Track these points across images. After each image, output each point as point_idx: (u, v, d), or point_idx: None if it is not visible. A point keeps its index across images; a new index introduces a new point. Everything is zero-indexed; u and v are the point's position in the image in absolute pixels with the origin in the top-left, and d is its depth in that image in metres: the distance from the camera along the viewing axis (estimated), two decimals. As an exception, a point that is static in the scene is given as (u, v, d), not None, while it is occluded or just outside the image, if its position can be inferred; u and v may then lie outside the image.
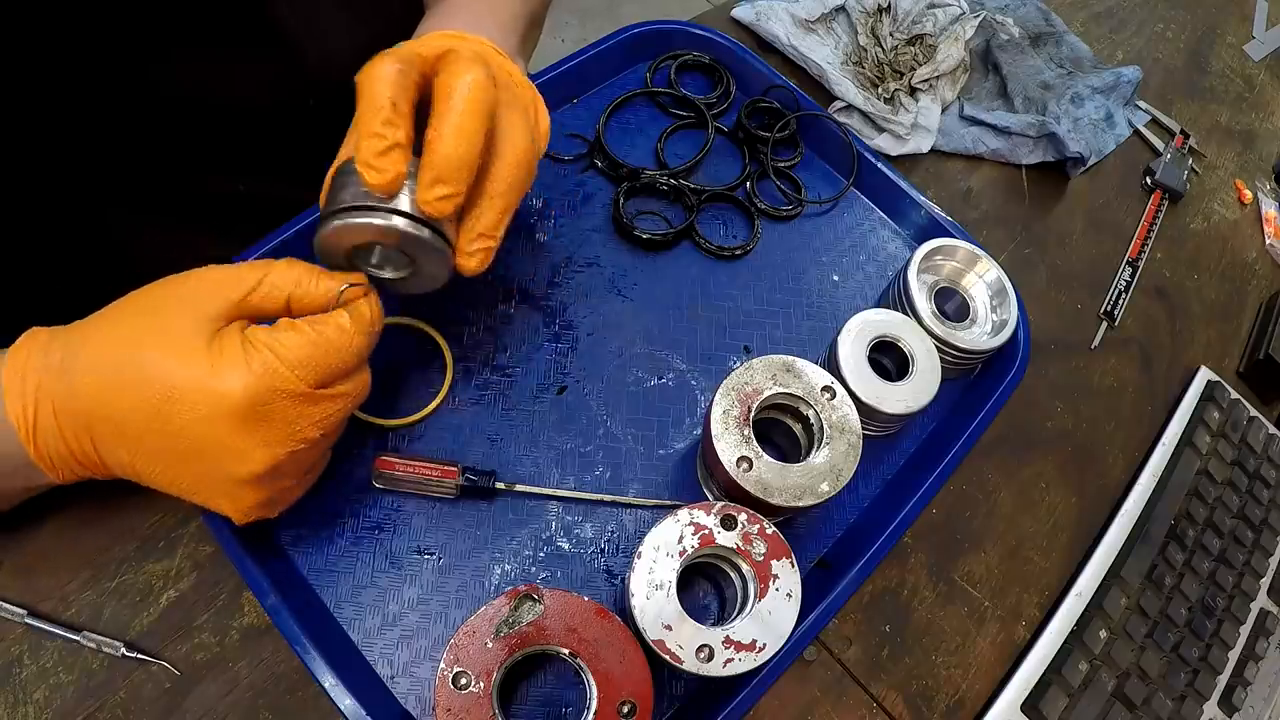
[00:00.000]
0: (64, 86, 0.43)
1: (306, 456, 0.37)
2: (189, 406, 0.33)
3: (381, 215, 0.36)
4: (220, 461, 0.34)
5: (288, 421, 0.34)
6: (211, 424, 0.33)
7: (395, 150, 0.36)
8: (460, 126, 0.36)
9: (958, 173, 0.72)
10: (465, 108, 0.36)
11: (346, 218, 0.36)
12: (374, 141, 0.35)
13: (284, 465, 0.35)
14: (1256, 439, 0.64)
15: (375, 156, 0.35)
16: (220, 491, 0.36)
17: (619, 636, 0.38)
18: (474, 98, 0.36)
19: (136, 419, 0.33)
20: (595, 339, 0.53)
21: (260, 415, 0.33)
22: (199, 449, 0.34)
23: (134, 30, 0.43)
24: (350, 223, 0.36)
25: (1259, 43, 0.97)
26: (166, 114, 0.48)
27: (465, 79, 0.36)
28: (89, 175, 0.48)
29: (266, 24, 0.49)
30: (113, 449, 0.34)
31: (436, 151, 0.36)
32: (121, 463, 0.35)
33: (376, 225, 0.36)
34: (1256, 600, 0.58)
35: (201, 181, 0.53)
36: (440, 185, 0.36)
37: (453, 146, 0.36)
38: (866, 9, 0.74)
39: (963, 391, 0.56)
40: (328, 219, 0.37)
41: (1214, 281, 0.74)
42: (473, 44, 0.42)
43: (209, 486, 0.35)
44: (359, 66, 0.42)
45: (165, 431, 0.33)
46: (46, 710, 0.40)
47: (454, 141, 0.36)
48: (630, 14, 1.79)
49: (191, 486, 0.36)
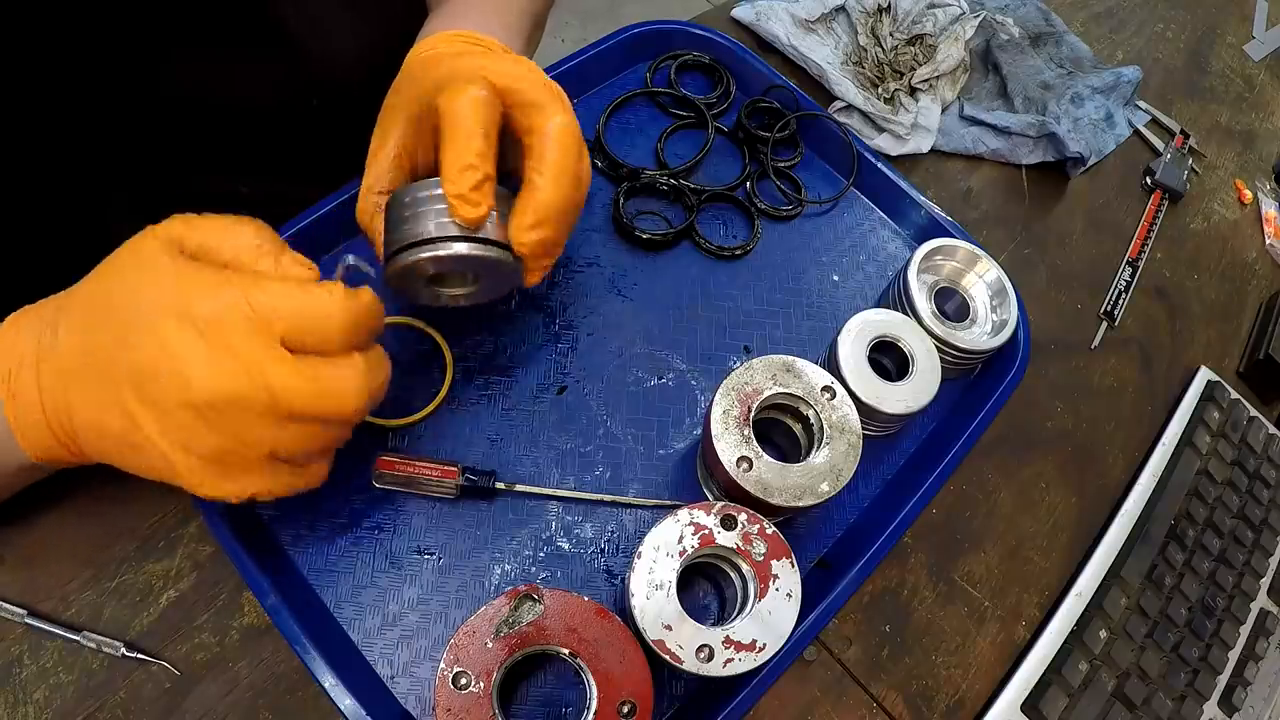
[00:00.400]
0: (67, 86, 0.43)
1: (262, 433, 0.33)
2: (149, 318, 0.32)
3: (476, 245, 0.37)
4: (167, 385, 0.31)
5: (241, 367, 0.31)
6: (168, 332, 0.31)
7: (488, 184, 0.36)
8: (563, 169, 0.37)
9: (958, 173, 0.72)
10: (563, 153, 0.37)
11: (439, 250, 0.37)
12: (470, 174, 0.36)
13: (232, 417, 0.32)
14: (1256, 439, 0.64)
15: (471, 190, 0.36)
16: (170, 440, 0.32)
17: (619, 636, 0.38)
18: (570, 143, 0.37)
19: (103, 346, 0.32)
20: (595, 339, 0.53)
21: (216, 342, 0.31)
22: (149, 382, 0.31)
23: (137, 30, 0.43)
24: (446, 253, 0.37)
25: (1259, 43, 0.97)
26: (169, 114, 0.48)
27: (558, 120, 0.37)
28: (91, 174, 0.48)
29: (269, 24, 0.49)
30: (81, 397, 0.33)
31: (539, 194, 0.37)
32: (88, 419, 0.33)
33: (473, 256, 0.37)
34: (1256, 600, 0.58)
35: (204, 182, 0.53)
36: (540, 228, 0.37)
37: (554, 192, 0.37)
38: (866, 9, 0.74)
39: (963, 391, 0.56)
40: (412, 250, 0.37)
41: (1214, 281, 0.74)
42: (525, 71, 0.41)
43: (160, 435, 0.32)
44: (361, 67, 0.42)
45: (125, 360, 0.32)
46: (46, 710, 0.40)
47: (555, 186, 0.37)
48: (630, 14, 1.79)
49: (146, 441, 0.32)
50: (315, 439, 0.34)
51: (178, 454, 0.32)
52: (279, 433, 0.33)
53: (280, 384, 0.32)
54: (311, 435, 0.34)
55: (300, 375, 0.32)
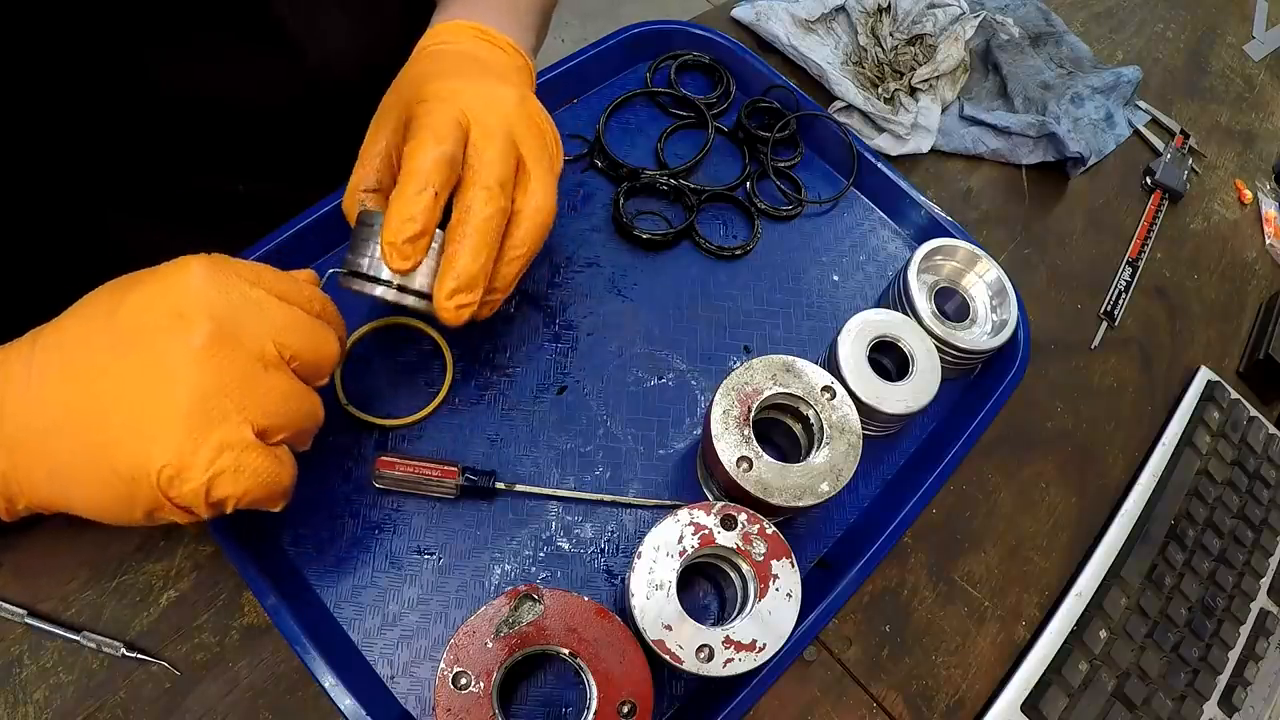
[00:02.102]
0: (64, 85, 0.43)
1: (255, 379, 0.32)
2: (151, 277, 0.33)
3: (396, 293, 0.39)
4: (168, 327, 0.31)
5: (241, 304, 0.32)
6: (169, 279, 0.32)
7: (423, 239, 0.38)
8: (477, 246, 0.38)
9: (958, 173, 0.72)
10: (479, 232, 0.38)
11: (366, 286, 0.39)
12: (408, 227, 0.37)
13: (228, 357, 0.31)
14: (1256, 439, 0.64)
15: (404, 242, 0.37)
16: (155, 386, 0.31)
17: (619, 636, 0.38)
18: (488, 225, 0.39)
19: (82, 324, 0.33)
20: (595, 339, 0.53)
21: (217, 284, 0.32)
22: (143, 327, 0.31)
23: (135, 29, 0.43)
24: (369, 292, 0.39)
25: (1259, 43, 0.97)
26: (166, 113, 0.48)
27: (482, 200, 0.39)
28: (88, 174, 0.48)
29: (268, 24, 0.49)
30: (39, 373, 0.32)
31: (457, 263, 0.38)
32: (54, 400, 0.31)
33: (391, 299, 0.39)
34: (1256, 600, 0.58)
35: (201, 181, 0.53)
36: (460, 295, 0.39)
37: (469, 262, 0.38)
38: (866, 9, 0.74)
39: (963, 391, 0.56)
40: (352, 278, 0.39)
41: (1214, 281, 0.74)
42: (507, 106, 0.42)
43: (142, 380, 0.31)
44: (359, 67, 0.42)
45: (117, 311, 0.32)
46: (46, 710, 0.40)
47: (471, 258, 0.38)
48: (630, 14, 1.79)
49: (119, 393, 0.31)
50: (300, 398, 0.35)
51: (159, 401, 0.30)
52: (269, 382, 0.33)
53: (280, 317, 0.34)
54: (297, 392, 0.34)
55: (295, 312, 0.35)
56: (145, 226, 0.52)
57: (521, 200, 0.41)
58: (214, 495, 0.31)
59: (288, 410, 0.33)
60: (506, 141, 0.40)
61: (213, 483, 0.31)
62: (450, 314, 0.39)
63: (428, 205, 0.37)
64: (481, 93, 0.41)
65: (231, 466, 0.31)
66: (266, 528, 0.44)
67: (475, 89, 0.41)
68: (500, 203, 0.39)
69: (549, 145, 0.43)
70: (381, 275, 0.39)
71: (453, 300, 0.38)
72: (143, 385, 0.31)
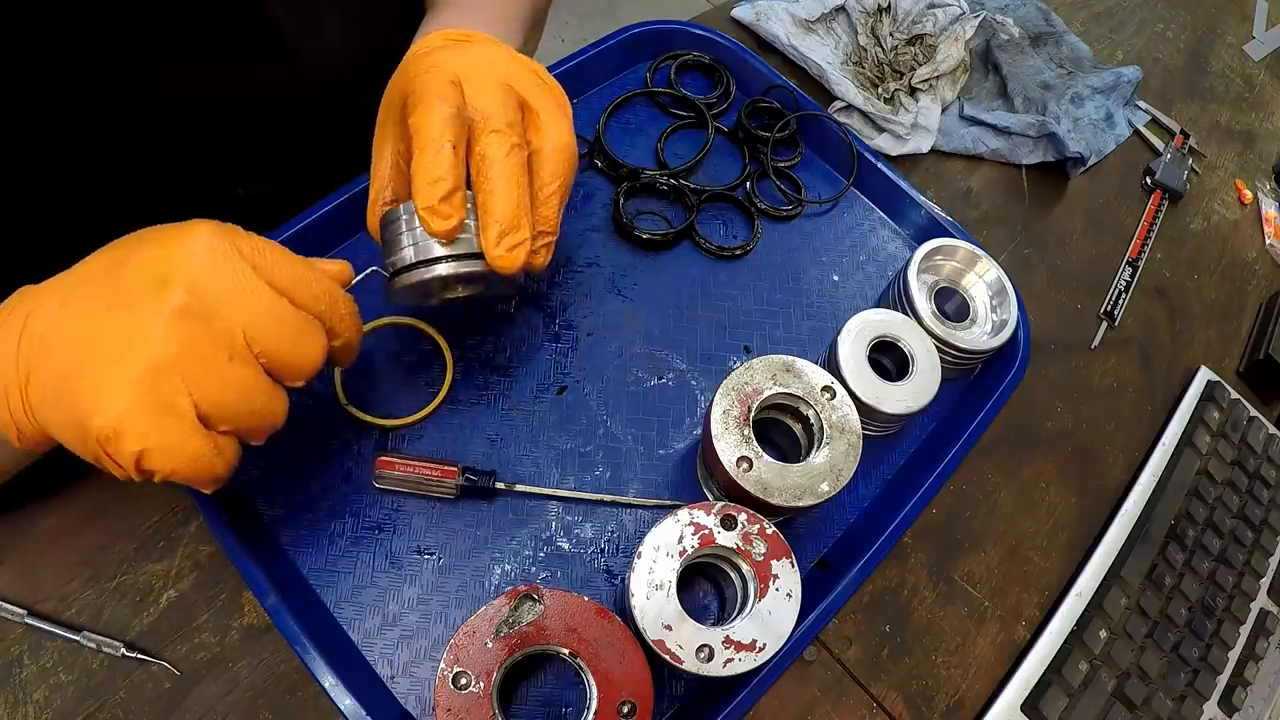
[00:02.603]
0: (63, 87, 0.43)
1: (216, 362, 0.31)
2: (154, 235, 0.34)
3: (454, 263, 0.38)
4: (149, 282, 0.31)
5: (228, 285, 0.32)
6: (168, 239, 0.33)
7: (457, 194, 0.37)
8: (507, 187, 0.38)
9: (958, 173, 0.72)
10: (503, 174, 0.38)
11: (419, 274, 0.38)
12: (438, 187, 0.36)
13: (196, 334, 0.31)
14: (1256, 439, 0.64)
15: (440, 202, 0.37)
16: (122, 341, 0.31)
17: (619, 636, 0.38)
18: (509, 164, 0.38)
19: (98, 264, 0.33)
20: (595, 339, 0.53)
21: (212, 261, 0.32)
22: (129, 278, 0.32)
23: (132, 31, 0.43)
24: (424, 278, 0.38)
25: (1259, 43, 0.97)
26: (165, 116, 0.48)
27: (495, 143, 0.38)
28: (87, 176, 0.48)
29: (264, 25, 0.49)
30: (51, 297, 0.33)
31: (494, 209, 0.38)
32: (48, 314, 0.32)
33: (449, 274, 0.38)
34: (1256, 600, 0.58)
35: (201, 184, 0.53)
36: (508, 237, 0.38)
37: (504, 202, 0.38)
38: (866, 9, 0.74)
39: (963, 391, 0.56)
40: (402, 275, 0.38)
41: (1214, 281, 0.74)
42: (497, 60, 0.42)
43: (112, 334, 0.31)
44: (357, 68, 0.42)
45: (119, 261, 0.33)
46: (46, 710, 0.40)
47: (504, 199, 0.38)
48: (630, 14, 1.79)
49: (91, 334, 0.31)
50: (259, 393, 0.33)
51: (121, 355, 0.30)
52: (231, 371, 0.32)
53: (264, 310, 0.32)
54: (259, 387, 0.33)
55: (286, 312, 0.33)
56: (143, 228, 0.52)
57: (538, 140, 0.41)
58: (143, 465, 0.31)
59: (241, 404, 0.32)
60: (503, 88, 0.40)
61: (143, 454, 0.31)
62: (505, 259, 0.38)
63: (450, 161, 0.37)
64: (469, 57, 0.41)
65: (164, 444, 0.31)
66: (267, 528, 0.44)
67: (462, 55, 0.41)
68: (513, 139, 0.39)
69: (551, 87, 0.43)
70: (432, 254, 0.38)
71: (502, 245, 0.38)
72: (111, 341, 0.31)
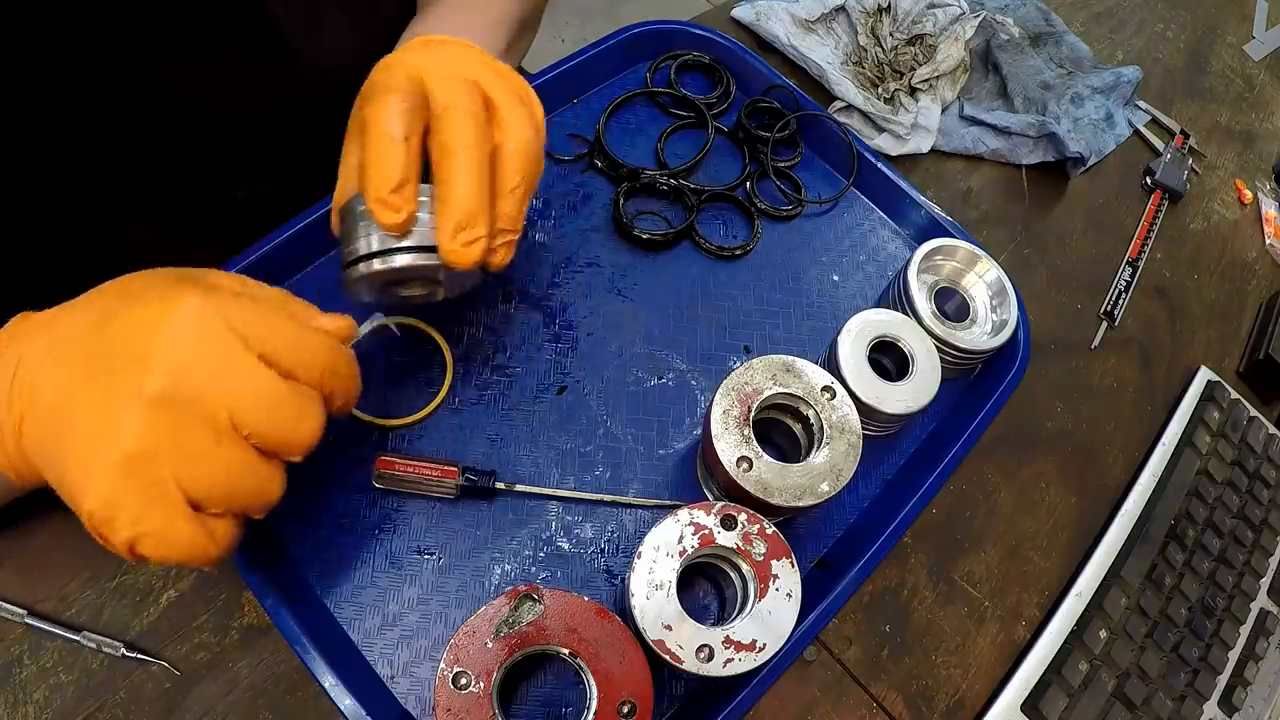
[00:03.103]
0: (62, 91, 0.43)
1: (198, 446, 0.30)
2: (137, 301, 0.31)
3: (406, 255, 0.37)
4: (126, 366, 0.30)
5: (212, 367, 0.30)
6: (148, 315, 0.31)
7: (407, 187, 0.36)
8: (466, 178, 0.37)
9: (958, 173, 0.72)
10: (463, 165, 0.37)
11: (372, 266, 0.37)
12: (387, 178, 0.35)
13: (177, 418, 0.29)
14: (1256, 439, 0.64)
15: (390, 193, 0.35)
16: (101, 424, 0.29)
17: (619, 636, 0.38)
18: (469, 155, 0.37)
19: (86, 319, 0.32)
20: (595, 339, 0.53)
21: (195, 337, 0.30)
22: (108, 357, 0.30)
23: (132, 32, 0.43)
24: (376, 269, 0.37)
25: (1259, 43, 0.97)
26: (164, 118, 0.48)
27: (455, 132, 0.37)
28: (85, 177, 0.48)
29: (263, 26, 0.49)
30: (44, 366, 0.31)
31: (451, 200, 0.36)
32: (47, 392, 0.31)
33: (401, 266, 0.37)
34: (1256, 600, 0.58)
35: (199, 184, 0.53)
36: (464, 232, 0.37)
37: (463, 194, 0.36)
38: (866, 9, 0.74)
39: (963, 391, 0.56)
40: (354, 265, 0.37)
41: (1214, 281, 0.74)
42: (461, 56, 0.41)
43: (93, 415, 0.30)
44: (356, 69, 0.42)
45: (100, 335, 0.31)
46: (46, 710, 0.40)
47: (463, 191, 0.36)
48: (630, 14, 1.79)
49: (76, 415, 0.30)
50: (248, 475, 0.32)
51: (102, 442, 0.29)
52: (216, 453, 0.30)
53: (250, 390, 0.31)
54: (247, 469, 0.31)
55: (271, 390, 0.31)
56: (142, 229, 0.52)
57: (500, 135, 0.39)
58: (136, 551, 0.30)
59: (232, 486, 0.31)
60: (465, 82, 0.38)
61: (135, 540, 0.30)
62: (460, 255, 0.37)
63: (399, 152, 0.36)
64: (434, 55, 0.40)
65: (154, 532, 0.30)
66: (267, 528, 0.44)
67: (427, 54, 0.40)
68: (473, 130, 0.37)
69: (514, 84, 0.42)
70: (385, 245, 0.37)
71: (458, 239, 0.37)
72: (92, 421, 0.30)
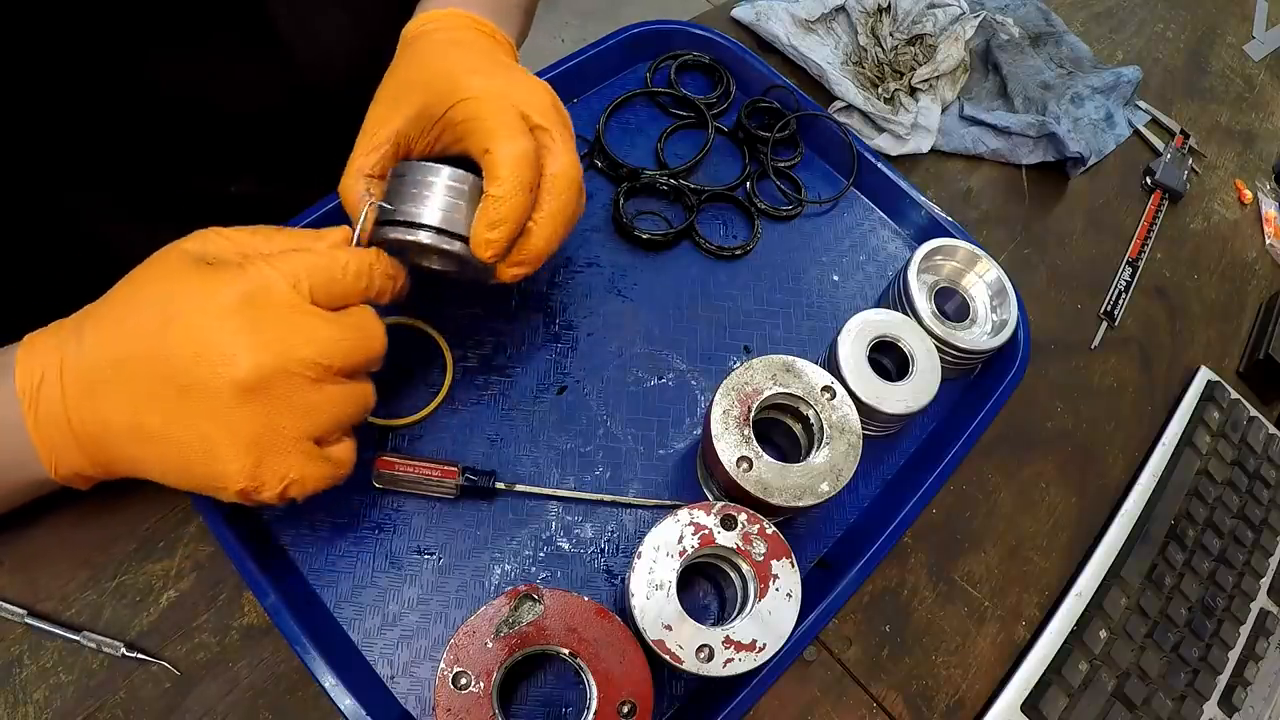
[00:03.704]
0: (57, 84, 0.43)
1: (304, 400, 0.34)
2: (183, 315, 0.33)
3: (459, 243, 0.40)
4: (212, 368, 0.33)
5: (281, 333, 0.34)
6: (203, 321, 0.33)
7: (517, 235, 0.40)
8: (554, 225, 0.41)
9: (958, 173, 0.72)
10: (552, 220, 0.41)
11: (417, 234, 0.40)
12: (504, 226, 0.39)
13: (277, 388, 0.33)
14: (1256, 439, 0.64)
15: (503, 238, 0.39)
16: (216, 425, 0.33)
17: (619, 636, 0.38)
18: (564, 210, 0.42)
19: (138, 351, 0.33)
20: (595, 339, 0.53)
21: (251, 318, 0.33)
22: (191, 372, 0.33)
23: (129, 29, 0.43)
24: (415, 239, 0.40)
25: (1259, 43, 0.97)
26: (161, 115, 0.48)
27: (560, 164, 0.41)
28: (81, 174, 0.48)
29: (262, 23, 0.49)
30: (114, 403, 0.34)
31: (531, 243, 0.41)
32: (122, 424, 0.34)
33: (463, 255, 0.40)
34: (1256, 600, 0.58)
35: (194, 182, 0.53)
36: (521, 268, 0.41)
37: (544, 241, 0.41)
38: (866, 9, 0.74)
39: (963, 391, 0.56)
40: (408, 228, 0.40)
41: (1214, 281, 0.74)
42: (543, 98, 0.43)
43: (204, 422, 0.33)
44: (353, 67, 0.42)
45: (162, 357, 0.33)
46: (46, 710, 0.40)
47: (543, 227, 0.41)
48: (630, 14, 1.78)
49: (188, 433, 0.34)
50: (349, 401, 0.37)
51: (223, 437, 0.33)
52: (319, 398, 0.35)
53: (324, 335, 0.35)
54: (346, 397, 0.36)
55: (337, 324, 0.35)
56: (137, 226, 0.52)
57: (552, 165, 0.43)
58: (286, 497, 0.36)
59: (340, 415, 0.36)
60: (565, 128, 0.43)
61: (284, 491, 0.35)
62: (507, 276, 0.42)
63: (525, 205, 0.40)
64: (513, 84, 0.43)
65: (297, 478, 0.35)
66: (267, 528, 0.44)
67: (506, 81, 0.42)
68: (577, 191, 0.43)
69: (567, 119, 0.45)
70: (449, 229, 0.40)
71: (513, 270, 0.42)
72: (203, 422, 0.33)
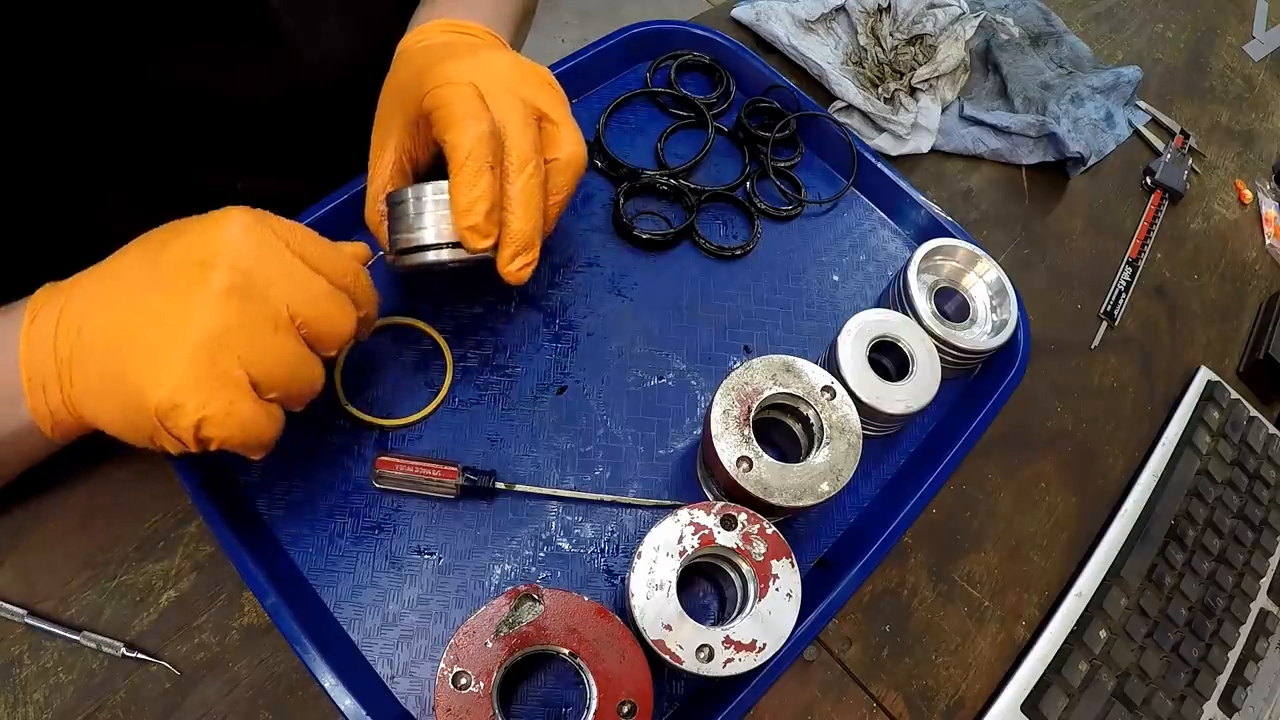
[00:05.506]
0: (63, 80, 0.43)
1: (264, 336, 0.34)
2: (193, 227, 0.35)
3: (453, 250, 0.42)
4: (200, 262, 0.34)
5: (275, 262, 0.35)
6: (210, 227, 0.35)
7: (495, 213, 0.41)
8: (526, 211, 0.41)
9: (958, 173, 0.72)
10: (526, 198, 0.41)
11: (425, 256, 0.42)
12: (479, 206, 0.40)
13: (250, 305, 0.33)
14: (1256, 439, 0.64)
15: (483, 220, 0.40)
16: (174, 320, 0.33)
17: (619, 636, 0.38)
18: (531, 188, 0.41)
19: (140, 258, 0.35)
20: (595, 339, 0.53)
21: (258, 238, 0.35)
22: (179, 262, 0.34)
23: (132, 25, 0.43)
24: (425, 260, 0.42)
25: (1259, 43, 0.97)
26: (164, 109, 0.48)
27: (518, 170, 0.41)
28: (86, 169, 0.48)
29: (265, 19, 0.49)
30: (98, 308, 0.35)
31: (512, 229, 0.41)
32: (96, 330, 0.34)
33: (458, 260, 0.42)
34: (1256, 600, 0.58)
35: (199, 177, 0.53)
36: (520, 257, 0.42)
37: (523, 225, 0.41)
38: (866, 9, 0.74)
39: (963, 391, 0.56)
40: (417, 253, 0.42)
41: (1214, 281, 0.74)
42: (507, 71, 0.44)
43: (164, 316, 0.33)
44: (356, 63, 0.42)
45: (159, 260, 0.35)
46: (46, 710, 0.40)
47: (523, 222, 0.41)
48: (630, 14, 1.79)
49: (142, 317, 0.33)
50: (302, 364, 0.36)
51: (174, 331, 0.33)
52: (277, 342, 0.34)
53: (314, 288, 0.35)
54: (301, 359, 0.36)
55: (329, 290, 0.36)
56: (142, 221, 0.52)
57: (553, 150, 0.44)
58: (202, 433, 0.33)
59: (287, 372, 0.35)
60: (521, 105, 0.42)
61: (203, 422, 0.33)
62: (516, 276, 0.43)
63: (490, 182, 0.40)
64: (481, 66, 0.43)
65: (222, 412, 0.33)
66: (267, 528, 0.44)
67: (474, 64, 0.43)
68: (533, 162, 0.42)
69: (562, 96, 0.45)
70: (447, 239, 0.41)
71: (516, 262, 0.42)
72: (161, 322, 0.33)
